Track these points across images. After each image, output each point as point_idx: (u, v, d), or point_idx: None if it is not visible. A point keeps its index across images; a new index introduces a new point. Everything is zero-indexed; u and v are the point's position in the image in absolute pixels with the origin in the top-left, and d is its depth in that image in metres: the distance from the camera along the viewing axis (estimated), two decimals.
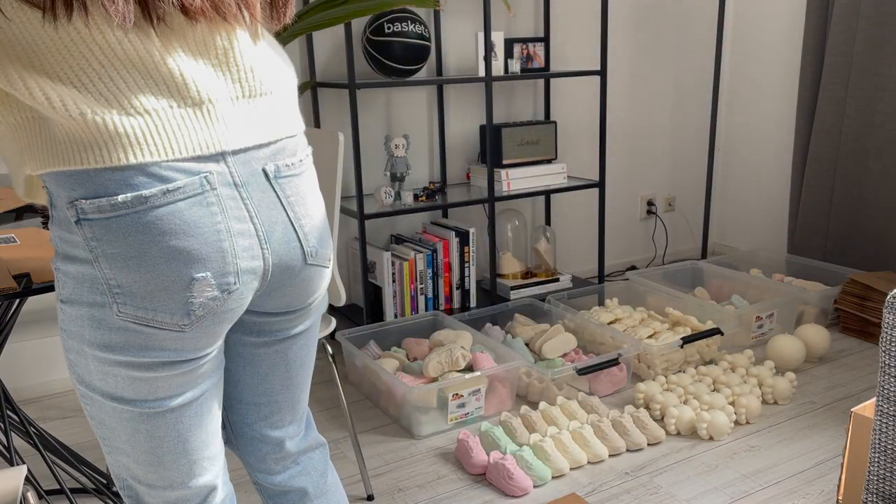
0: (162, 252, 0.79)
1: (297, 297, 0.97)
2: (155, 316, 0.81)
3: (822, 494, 1.83)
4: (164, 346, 0.83)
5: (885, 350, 1.10)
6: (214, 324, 0.86)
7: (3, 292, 1.01)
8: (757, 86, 3.58)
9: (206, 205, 0.81)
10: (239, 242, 0.84)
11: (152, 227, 0.78)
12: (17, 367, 2.50)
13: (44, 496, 1.58)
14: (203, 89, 0.81)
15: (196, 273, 0.81)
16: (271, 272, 0.90)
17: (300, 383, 1.10)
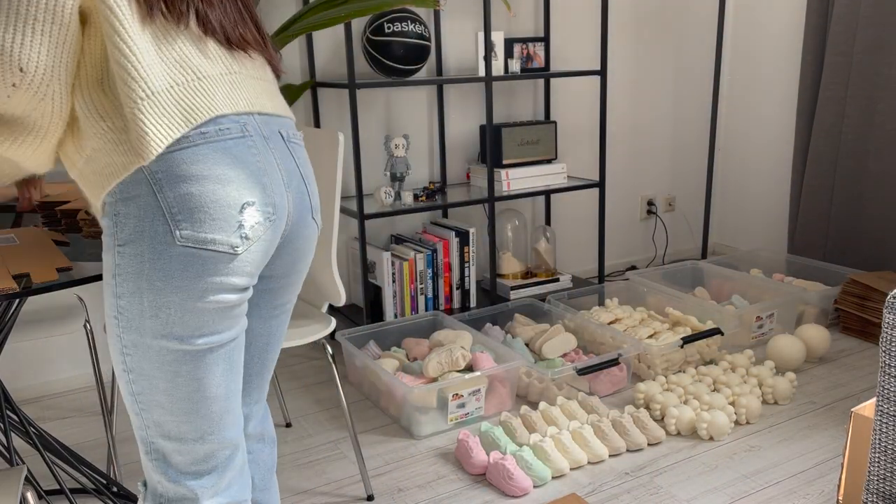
0: (217, 178, 0.91)
1: (297, 258, 1.10)
2: (214, 236, 0.91)
3: (822, 494, 1.83)
4: (217, 271, 0.93)
5: (885, 350, 1.10)
6: (258, 252, 0.97)
7: (3, 292, 1.01)
8: (757, 86, 3.58)
9: (247, 146, 0.96)
10: (273, 182, 0.99)
11: (210, 157, 0.91)
12: (17, 367, 2.50)
13: (44, 496, 1.58)
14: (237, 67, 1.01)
15: (246, 198, 0.94)
16: (292, 217, 1.04)
17: (271, 359, 1.19)
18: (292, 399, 2.43)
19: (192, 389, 0.97)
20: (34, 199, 1.48)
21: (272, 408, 2.38)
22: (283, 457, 2.08)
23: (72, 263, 1.12)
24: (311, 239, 1.11)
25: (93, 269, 1.11)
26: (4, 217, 1.45)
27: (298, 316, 1.82)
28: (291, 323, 1.77)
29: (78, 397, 2.50)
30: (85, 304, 1.94)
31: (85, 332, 1.97)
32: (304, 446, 2.13)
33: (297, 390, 2.49)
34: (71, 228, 1.29)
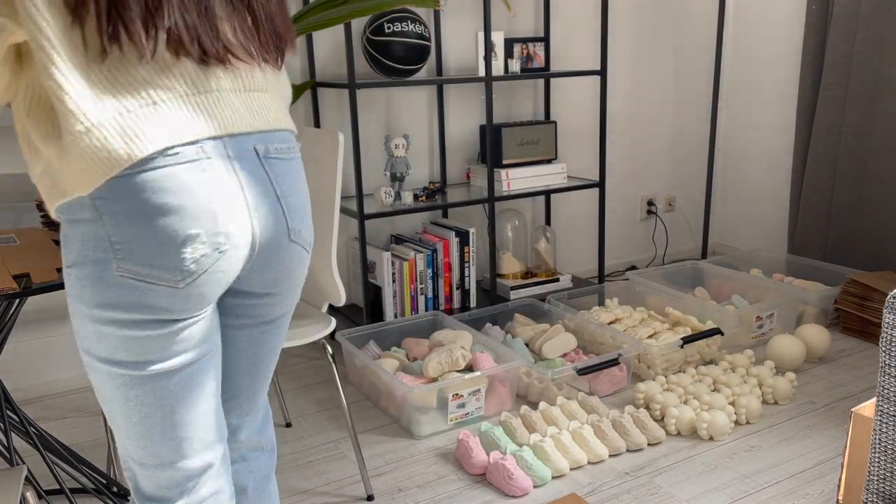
0: (159, 209, 0.86)
1: (278, 276, 1.04)
2: (152, 272, 0.87)
3: (822, 494, 1.83)
4: (157, 303, 0.89)
5: (885, 350, 1.10)
6: (206, 284, 0.92)
7: (3, 292, 1.01)
8: (757, 86, 3.58)
9: (200, 170, 0.89)
10: (228, 208, 0.91)
11: (152, 186, 0.86)
12: (17, 367, 2.50)
13: (44, 496, 1.58)
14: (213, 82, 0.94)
15: (189, 230, 0.88)
16: (259, 242, 0.97)
17: (263, 372, 1.15)
18: (292, 399, 2.43)
19: (144, 415, 0.95)
20: None
21: (272, 407, 2.38)
22: (283, 457, 2.09)
23: None
24: (291, 261, 1.04)
25: None
26: (4, 218, 1.45)
27: (298, 316, 1.82)
28: (291, 323, 1.77)
29: (78, 397, 2.50)
30: None
31: None
32: (304, 446, 2.14)
33: (297, 390, 2.49)
34: None
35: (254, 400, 1.17)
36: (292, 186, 1.01)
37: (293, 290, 1.09)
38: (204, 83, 0.92)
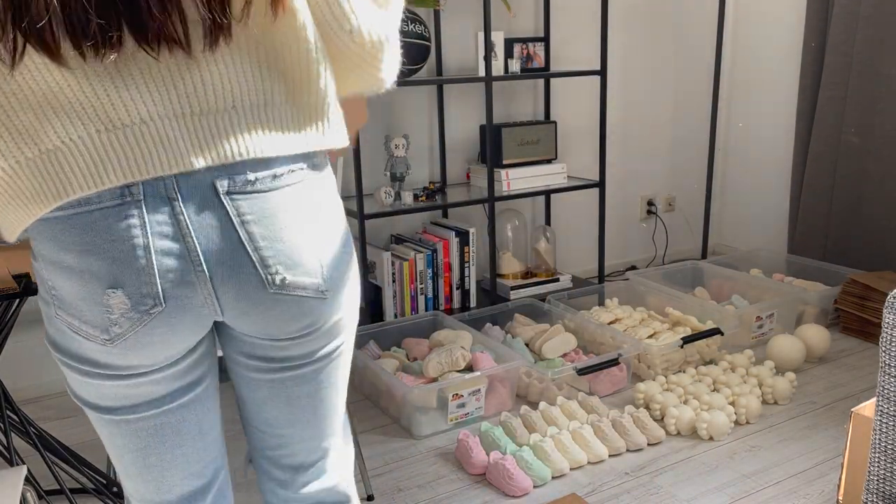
0: (76, 261, 0.75)
1: (274, 327, 0.86)
2: (80, 326, 0.78)
3: (822, 494, 1.83)
4: (94, 357, 0.80)
5: (885, 350, 1.10)
6: (144, 344, 0.79)
7: (3, 292, 1.01)
8: (757, 86, 3.58)
9: (122, 217, 0.74)
10: (162, 262, 0.76)
11: (66, 234, 0.74)
12: (17, 367, 2.49)
13: (43, 496, 1.58)
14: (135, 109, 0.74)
15: (107, 288, 0.76)
16: (219, 297, 0.80)
17: (310, 426, 0.98)
18: None
19: (119, 454, 0.90)
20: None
21: None
22: None
23: None
24: (284, 309, 0.84)
25: None
26: None
27: None
28: None
29: None
30: None
31: None
32: None
33: None
34: None
35: (309, 454, 1.01)
36: (274, 226, 0.80)
37: (310, 337, 0.90)
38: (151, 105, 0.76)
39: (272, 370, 0.92)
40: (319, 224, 0.84)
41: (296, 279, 0.83)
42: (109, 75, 0.72)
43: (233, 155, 0.77)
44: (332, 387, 0.97)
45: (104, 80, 0.72)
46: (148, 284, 0.76)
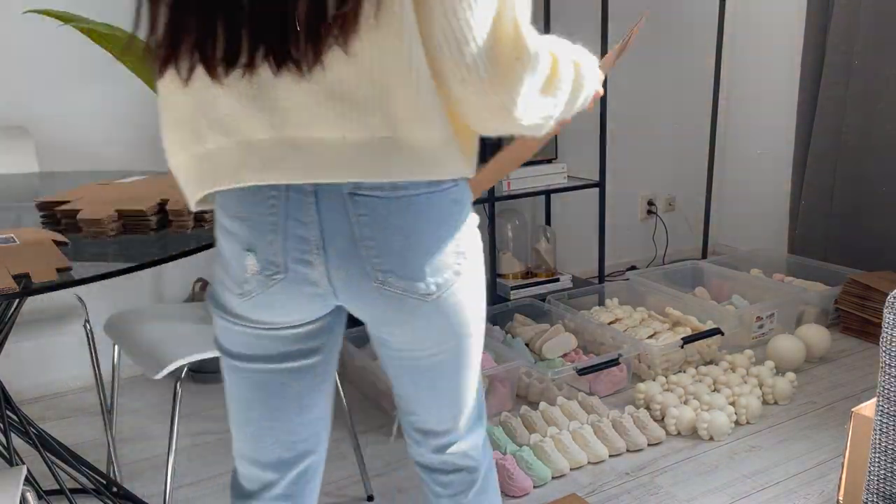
0: (230, 224, 0.93)
1: (383, 318, 0.99)
2: (225, 279, 0.97)
3: (823, 494, 1.83)
4: (232, 307, 0.98)
5: (885, 350, 1.09)
6: (266, 304, 0.95)
7: (3, 292, 1.01)
8: (757, 86, 3.58)
9: (266, 197, 0.90)
10: (291, 240, 0.91)
11: (227, 203, 0.93)
12: (17, 367, 2.49)
13: (43, 496, 1.57)
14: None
15: (245, 250, 0.93)
16: (332, 280, 0.94)
17: (435, 398, 1.09)
18: None
19: (229, 400, 1.06)
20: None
21: None
22: None
23: (71, 263, 1.12)
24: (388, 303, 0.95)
25: (93, 270, 1.11)
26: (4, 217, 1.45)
27: None
28: None
29: (78, 397, 2.50)
30: (85, 304, 1.94)
31: (85, 332, 1.97)
32: None
33: None
34: (71, 228, 1.29)
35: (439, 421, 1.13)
36: (385, 228, 0.91)
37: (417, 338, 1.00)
38: (285, 128, 0.92)
39: (392, 351, 1.05)
40: (430, 233, 0.94)
41: (399, 281, 0.93)
42: (252, 96, 0.86)
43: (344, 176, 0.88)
44: (450, 377, 1.07)
45: (246, 100, 0.86)
46: (274, 254, 0.91)
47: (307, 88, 0.84)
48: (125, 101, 2.48)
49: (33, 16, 2.29)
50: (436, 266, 0.95)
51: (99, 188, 1.45)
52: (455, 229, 0.96)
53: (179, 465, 2.06)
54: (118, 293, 2.62)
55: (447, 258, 0.96)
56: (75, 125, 2.43)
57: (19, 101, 2.34)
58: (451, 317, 0.99)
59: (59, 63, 2.37)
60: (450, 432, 1.15)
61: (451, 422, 1.13)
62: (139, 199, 1.32)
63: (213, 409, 2.38)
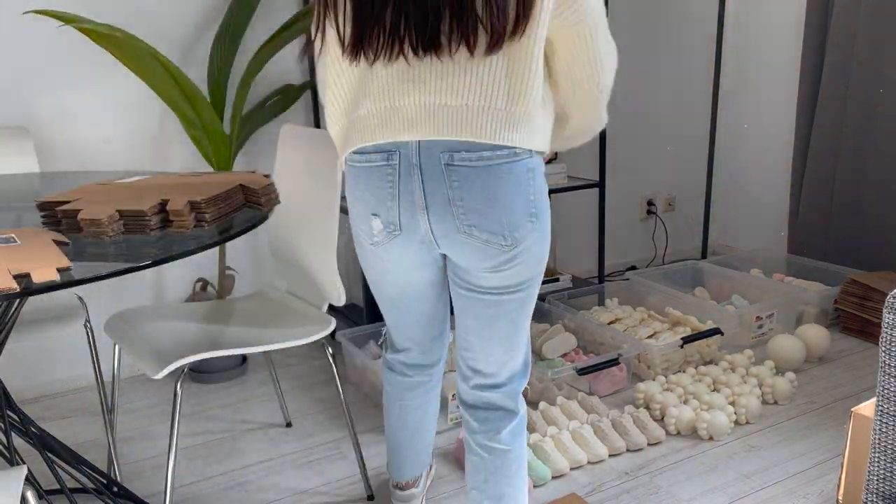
0: (358, 195, 1.30)
1: (466, 261, 1.28)
2: (358, 233, 1.35)
3: (822, 494, 1.83)
4: (366, 254, 1.38)
5: (885, 350, 1.10)
6: (390, 251, 1.33)
7: (3, 292, 1.01)
8: (757, 86, 3.58)
9: (385, 172, 1.24)
10: (404, 204, 1.25)
11: (358, 176, 1.29)
12: (18, 366, 2.50)
13: (44, 496, 1.58)
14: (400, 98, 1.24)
15: (371, 213, 1.29)
16: (434, 233, 1.26)
17: (487, 338, 1.35)
18: (292, 399, 2.43)
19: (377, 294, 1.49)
20: None
21: (271, 408, 2.38)
22: (283, 456, 2.09)
23: (71, 263, 1.12)
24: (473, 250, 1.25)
25: (93, 270, 1.11)
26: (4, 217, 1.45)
27: (298, 316, 1.82)
28: (291, 323, 1.77)
29: (78, 397, 2.50)
30: (85, 304, 1.94)
31: (85, 331, 1.97)
32: (305, 446, 2.14)
33: (297, 390, 2.49)
34: (71, 228, 1.29)
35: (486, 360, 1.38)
36: (471, 190, 1.20)
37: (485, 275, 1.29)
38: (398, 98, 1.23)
39: (469, 290, 1.33)
40: (509, 196, 1.21)
41: (481, 233, 1.23)
42: (399, 75, 1.21)
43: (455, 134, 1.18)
44: (507, 317, 1.33)
45: (395, 79, 1.21)
46: (393, 216, 1.27)
47: (447, 69, 1.18)
48: (125, 101, 2.48)
49: (33, 16, 2.29)
50: (511, 223, 1.23)
51: (99, 188, 1.45)
52: (528, 194, 1.23)
53: (179, 465, 2.06)
54: (118, 293, 2.62)
55: (521, 218, 1.23)
56: (75, 125, 2.43)
57: (19, 101, 2.34)
58: (520, 262, 1.27)
59: (59, 63, 2.37)
60: (495, 375, 1.39)
61: (495, 364, 1.38)
62: (139, 199, 1.32)
63: (213, 409, 2.39)
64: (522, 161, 1.21)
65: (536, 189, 1.24)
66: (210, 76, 2.44)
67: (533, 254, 1.27)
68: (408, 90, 1.20)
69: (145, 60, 2.07)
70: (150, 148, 2.56)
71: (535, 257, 1.28)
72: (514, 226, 1.23)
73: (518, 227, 1.23)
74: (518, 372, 1.41)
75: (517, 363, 1.40)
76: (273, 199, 1.45)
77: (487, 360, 1.38)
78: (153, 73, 2.11)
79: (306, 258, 1.82)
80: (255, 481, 1.97)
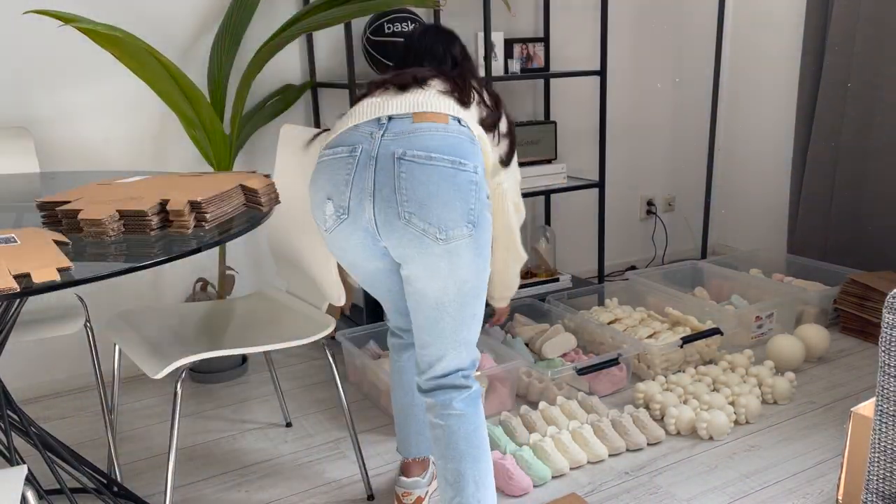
0: (317, 181, 1.47)
1: (406, 253, 1.40)
2: (315, 219, 1.50)
3: (822, 494, 1.83)
4: (324, 239, 1.52)
5: (884, 350, 1.10)
6: (342, 237, 1.46)
7: (3, 292, 1.01)
8: (757, 86, 3.58)
9: (345, 163, 1.42)
10: (356, 190, 1.40)
11: (322, 167, 1.47)
12: (18, 367, 2.50)
13: (44, 496, 1.58)
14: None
15: (326, 198, 1.45)
16: (377, 218, 1.39)
17: (423, 321, 1.47)
18: (292, 399, 2.43)
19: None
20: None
21: (271, 408, 2.38)
22: (283, 456, 2.09)
23: (72, 263, 1.12)
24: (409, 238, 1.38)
25: (93, 270, 1.11)
26: (4, 217, 1.45)
27: (298, 316, 1.82)
28: (291, 323, 1.77)
29: (78, 397, 2.50)
30: (85, 303, 1.94)
31: (85, 331, 1.97)
32: (305, 446, 2.14)
33: (297, 390, 2.49)
34: (71, 228, 1.29)
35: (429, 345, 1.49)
36: (414, 183, 1.35)
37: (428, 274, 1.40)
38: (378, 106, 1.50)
39: (412, 287, 1.44)
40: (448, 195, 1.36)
41: (420, 222, 1.36)
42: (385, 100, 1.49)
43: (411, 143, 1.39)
44: (448, 314, 1.44)
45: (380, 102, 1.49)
46: (344, 200, 1.42)
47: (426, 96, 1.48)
48: (125, 101, 2.48)
49: (33, 16, 2.29)
50: (448, 220, 1.36)
51: (99, 188, 1.45)
52: (469, 201, 1.37)
53: (179, 465, 2.06)
54: (118, 293, 2.62)
55: (458, 218, 1.36)
56: (75, 125, 2.43)
57: (19, 101, 2.34)
58: (454, 263, 1.39)
59: (59, 63, 2.37)
60: (445, 369, 1.50)
61: (452, 357, 1.49)
62: (139, 199, 1.32)
63: (213, 409, 2.39)
64: (468, 173, 1.39)
65: (478, 199, 1.40)
66: (210, 76, 2.44)
67: (469, 254, 1.39)
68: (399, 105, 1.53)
69: (145, 60, 2.07)
70: (150, 148, 2.56)
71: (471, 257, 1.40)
72: (448, 223, 1.37)
73: (453, 227, 1.37)
74: (466, 366, 1.52)
75: (464, 361, 1.51)
76: (273, 199, 1.45)
77: (439, 351, 1.49)
78: (153, 73, 2.11)
79: (306, 258, 1.82)
80: (255, 481, 1.97)
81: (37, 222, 1.38)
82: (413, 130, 1.40)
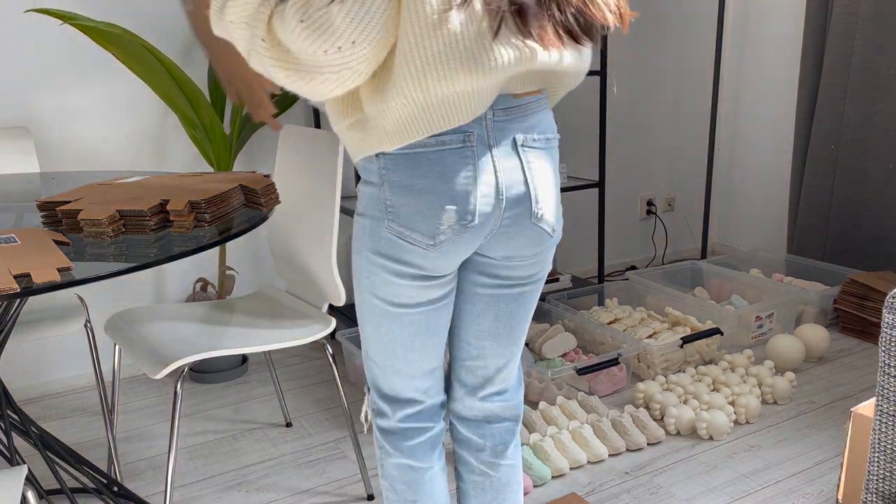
0: (425, 185, 1.03)
1: (518, 250, 1.15)
2: (411, 234, 1.06)
3: (822, 494, 1.83)
4: (413, 261, 1.08)
5: (884, 350, 1.10)
6: (451, 251, 1.08)
7: (3, 292, 1.01)
8: (757, 86, 3.58)
9: (462, 157, 1.03)
10: (482, 190, 1.05)
11: (423, 165, 1.03)
12: (17, 367, 2.50)
13: (44, 496, 1.58)
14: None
15: (446, 205, 1.04)
16: (502, 221, 1.09)
17: (505, 337, 1.28)
18: (292, 399, 2.43)
19: (390, 340, 1.19)
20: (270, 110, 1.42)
21: (271, 408, 2.38)
22: (283, 456, 2.09)
23: (72, 263, 1.12)
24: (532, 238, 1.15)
25: (93, 270, 1.11)
26: (4, 217, 1.45)
27: (298, 316, 1.82)
28: (291, 323, 1.77)
29: (78, 397, 2.50)
30: (85, 304, 1.94)
31: (85, 331, 1.97)
32: (305, 446, 2.14)
33: (297, 390, 2.49)
34: (71, 228, 1.29)
35: (498, 367, 1.30)
36: (543, 174, 1.10)
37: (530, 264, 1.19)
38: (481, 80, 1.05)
39: (494, 287, 1.20)
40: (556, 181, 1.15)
41: (547, 217, 1.12)
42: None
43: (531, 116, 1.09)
44: (526, 310, 1.27)
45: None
46: (471, 205, 1.05)
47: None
48: (125, 101, 2.48)
49: (33, 15, 2.29)
50: (559, 213, 1.16)
51: (99, 188, 1.45)
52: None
53: (179, 465, 2.06)
54: (118, 293, 2.62)
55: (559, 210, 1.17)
56: (75, 125, 2.43)
57: (19, 101, 2.34)
58: (551, 252, 1.21)
59: (59, 63, 2.37)
60: (506, 380, 1.32)
61: (508, 370, 1.31)
62: (139, 199, 1.32)
63: (213, 409, 2.39)
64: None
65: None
66: (210, 76, 2.44)
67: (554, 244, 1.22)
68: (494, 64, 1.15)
69: (145, 60, 2.08)
70: (150, 148, 2.56)
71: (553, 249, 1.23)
72: (559, 213, 1.17)
73: (559, 216, 1.17)
74: (519, 376, 1.37)
75: (518, 365, 1.37)
76: (273, 199, 1.45)
77: (498, 364, 1.29)
78: (153, 72, 2.11)
79: (306, 258, 1.82)
80: (255, 481, 1.97)
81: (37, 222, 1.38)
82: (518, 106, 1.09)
